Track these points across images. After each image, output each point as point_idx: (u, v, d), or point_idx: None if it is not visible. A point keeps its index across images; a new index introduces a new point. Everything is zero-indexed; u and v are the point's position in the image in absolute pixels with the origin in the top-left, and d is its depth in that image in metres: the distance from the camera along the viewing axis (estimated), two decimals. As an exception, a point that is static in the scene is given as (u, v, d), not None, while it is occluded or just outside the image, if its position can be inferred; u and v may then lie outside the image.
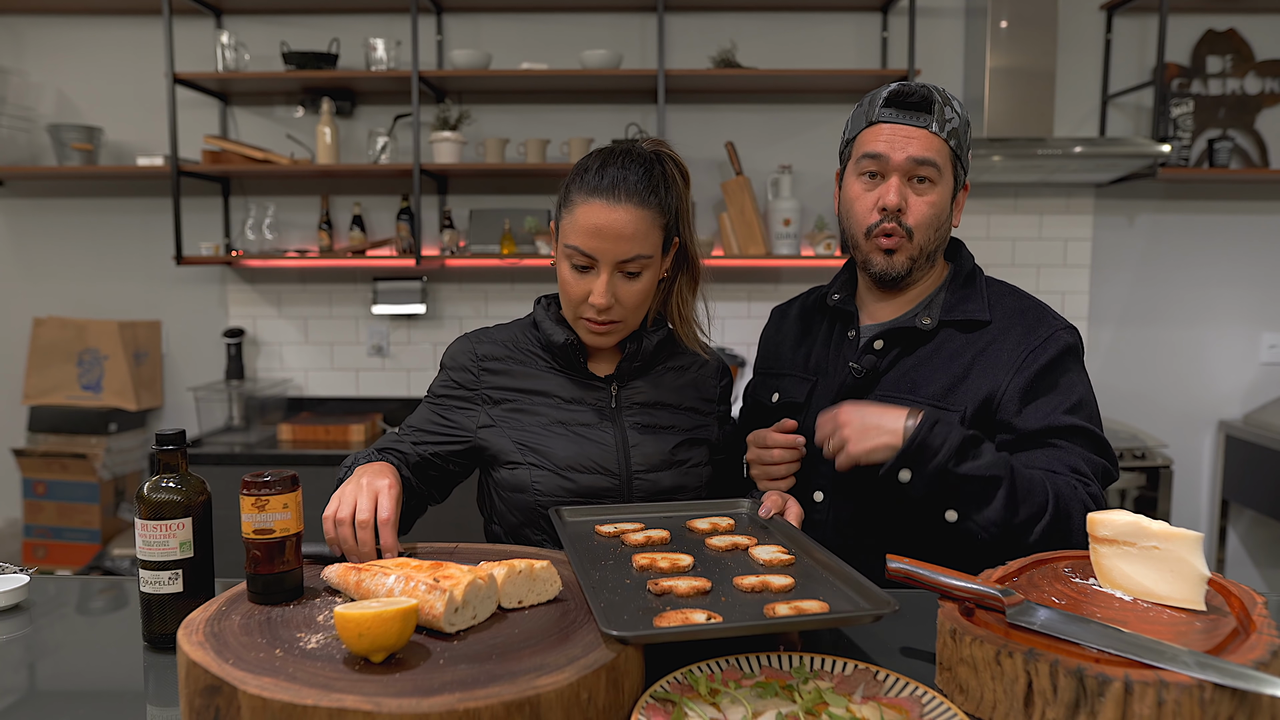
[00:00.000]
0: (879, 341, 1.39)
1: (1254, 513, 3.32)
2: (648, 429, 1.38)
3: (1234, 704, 0.75)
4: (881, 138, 1.34)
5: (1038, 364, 1.31)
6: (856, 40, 3.29)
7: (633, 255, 1.27)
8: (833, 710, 0.80)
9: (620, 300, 1.29)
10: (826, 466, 1.32)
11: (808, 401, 1.44)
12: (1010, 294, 1.43)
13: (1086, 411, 1.32)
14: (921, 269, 1.39)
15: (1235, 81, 3.28)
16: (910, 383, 1.36)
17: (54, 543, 3.21)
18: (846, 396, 1.36)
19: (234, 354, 3.34)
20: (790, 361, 1.51)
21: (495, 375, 1.39)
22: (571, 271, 1.30)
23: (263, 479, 0.98)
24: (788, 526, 1.20)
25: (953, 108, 1.35)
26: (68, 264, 3.44)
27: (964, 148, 1.37)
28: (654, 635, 0.86)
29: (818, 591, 1.01)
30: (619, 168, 1.29)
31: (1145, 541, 0.93)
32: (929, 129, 1.32)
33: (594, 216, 1.26)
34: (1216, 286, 3.38)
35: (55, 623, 1.14)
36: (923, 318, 1.37)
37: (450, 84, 3.19)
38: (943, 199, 1.35)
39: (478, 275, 3.42)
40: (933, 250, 1.38)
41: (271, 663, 0.81)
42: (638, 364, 1.39)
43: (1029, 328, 1.35)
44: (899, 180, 1.33)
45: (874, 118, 1.36)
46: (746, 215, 3.20)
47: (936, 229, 1.36)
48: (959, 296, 1.40)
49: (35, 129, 3.35)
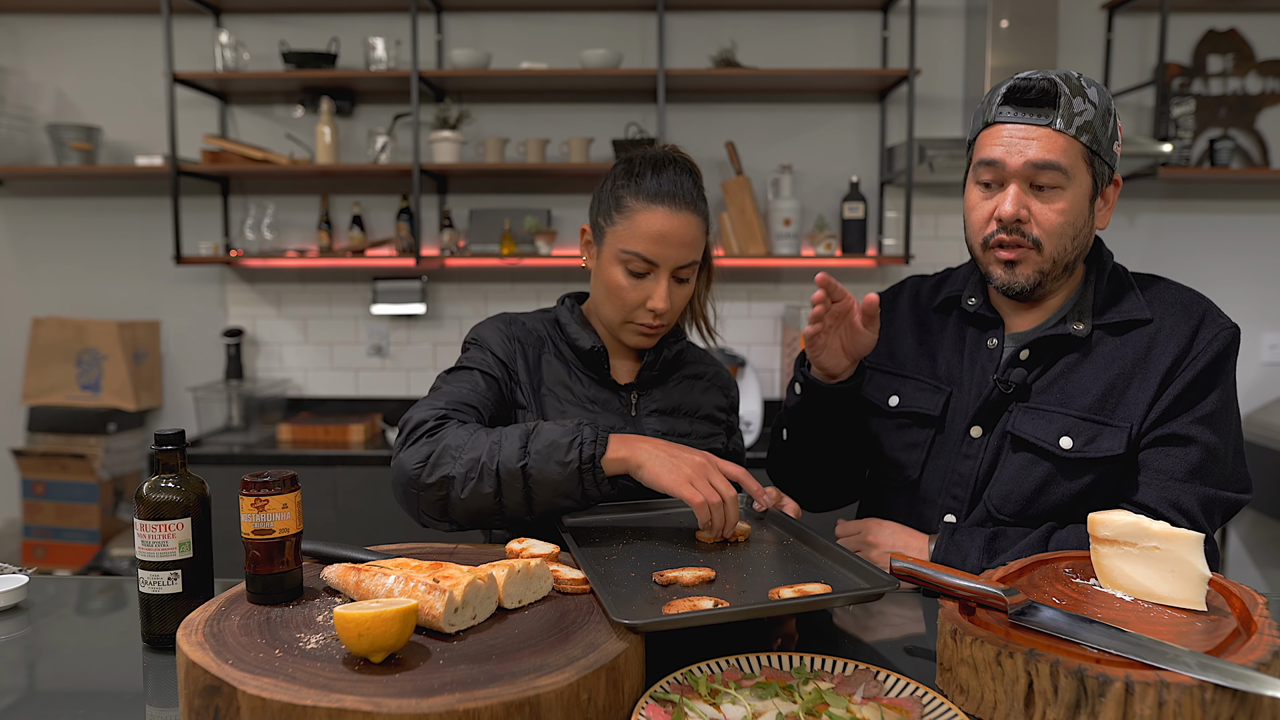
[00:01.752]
0: (1025, 352, 1.27)
1: (1254, 513, 3.32)
2: (666, 436, 1.37)
3: (1235, 705, 0.75)
4: (998, 141, 1.21)
5: (1200, 365, 1.20)
6: (857, 40, 3.29)
7: (690, 261, 1.30)
8: (833, 710, 0.79)
9: (672, 304, 1.31)
10: (961, 493, 1.29)
11: (943, 416, 1.32)
12: (1167, 286, 1.29)
13: (1220, 423, 1.21)
14: (1056, 280, 1.26)
15: (1236, 81, 3.28)
16: (1061, 394, 1.24)
17: (53, 543, 3.21)
18: (991, 411, 1.28)
19: (233, 354, 3.33)
20: (914, 364, 1.39)
21: (526, 360, 1.38)
22: (627, 277, 1.30)
23: (262, 479, 0.98)
24: (784, 517, 1.22)
25: (1086, 97, 1.19)
26: (67, 264, 3.44)
27: (1103, 140, 1.21)
28: (664, 622, 0.87)
29: (819, 575, 1.03)
30: (674, 173, 1.30)
31: (1146, 542, 0.93)
32: (1053, 127, 1.18)
33: (658, 223, 1.26)
34: (1217, 286, 3.37)
35: (54, 623, 1.14)
36: (1074, 323, 1.25)
37: (450, 84, 3.19)
38: (1076, 204, 1.21)
39: (477, 275, 3.42)
40: (1071, 260, 1.25)
41: (271, 663, 0.81)
42: (656, 372, 1.40)
43: (1198, 322, 1.23)
44: (1018, 188, 1.20)
45: (991, 118, 1.23)
46: (747, 215, 3.20)
47: (1073, 237, 1.22)
48: (1110, 296, 1.28)
49: (34, 129, 3.35)
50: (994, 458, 1.27)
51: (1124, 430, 1.21)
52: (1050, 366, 1.27)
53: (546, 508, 1.16)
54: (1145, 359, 1.23)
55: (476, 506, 1.16)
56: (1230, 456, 1.22)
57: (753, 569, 1.06)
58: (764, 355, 3.42)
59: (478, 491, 1.15)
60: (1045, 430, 1.23)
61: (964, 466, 1.29)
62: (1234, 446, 1.23)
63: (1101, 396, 1.22)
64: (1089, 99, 1.20)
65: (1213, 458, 1.20)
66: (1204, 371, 1.21)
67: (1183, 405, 1.21)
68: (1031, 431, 1.24)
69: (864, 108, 3.33)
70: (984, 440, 1.28)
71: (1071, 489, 1.22)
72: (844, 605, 1.13)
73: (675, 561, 1.08)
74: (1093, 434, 1.22)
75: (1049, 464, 1.23)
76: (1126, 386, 1.22)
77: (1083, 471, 1.22)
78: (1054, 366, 1.26)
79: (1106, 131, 1.21)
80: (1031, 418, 1.25)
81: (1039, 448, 1.23)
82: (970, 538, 1.23)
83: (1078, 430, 1.22)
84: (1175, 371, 1.21)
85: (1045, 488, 1.23)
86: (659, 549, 1.13)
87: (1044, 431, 1.23)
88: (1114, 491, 1.24)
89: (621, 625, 0.86)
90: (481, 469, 1.14)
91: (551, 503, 1.16)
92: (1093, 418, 1.22)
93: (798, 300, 3.40)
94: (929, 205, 3.30)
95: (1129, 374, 1.23)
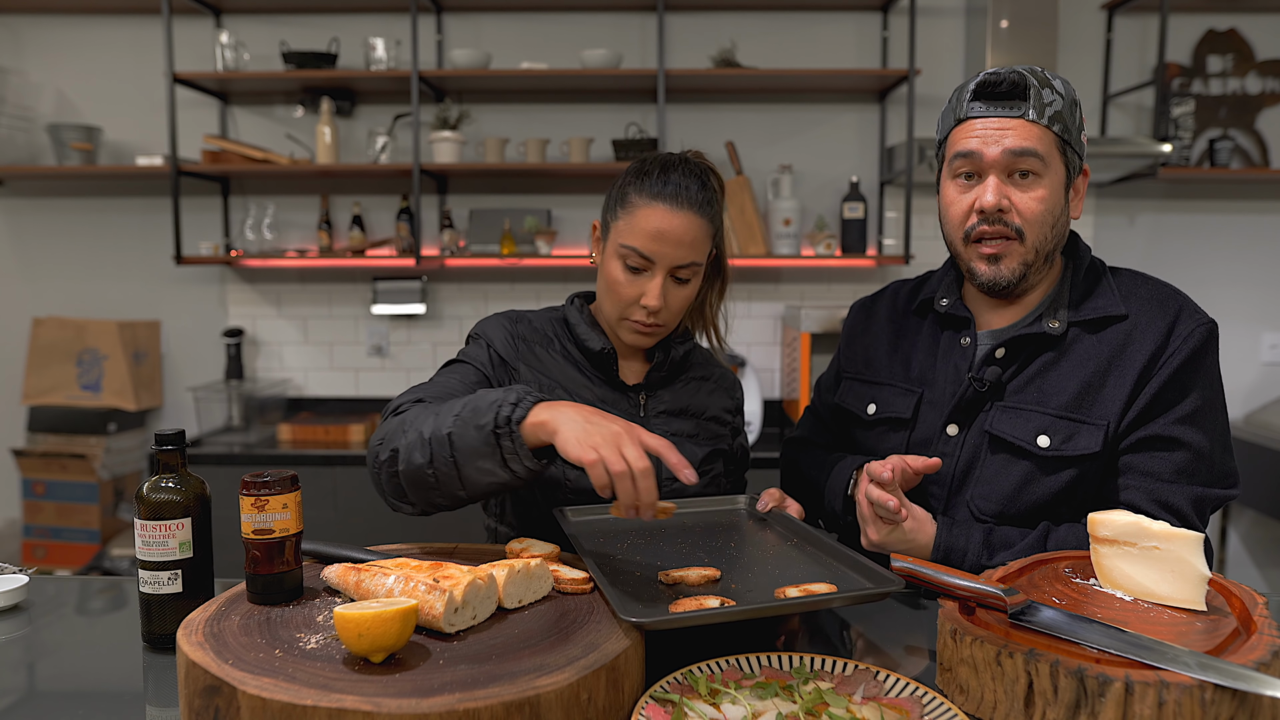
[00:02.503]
0: (1000, 350, 1.27)
1: (1254, 513, 3.32)
2: (674, 437, 1.37)
3: (1234, 705, 0.75)
4: (973, 134, 1.21)
5: (1177, 362, 1.20)
6: (857, 40, 3.29)
7: (688, 261, 1.29)
8: (833, 710, 0.79)
9: (668, 304, 1.31)
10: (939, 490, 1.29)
11: (914, 416, 1.33)
12: (1144, 282, 1.29)
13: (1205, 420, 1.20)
14: (1038, 272, 1.26)
15: (1236, 81, 3.28)
16: (1037, 393, 1.24)
17: (53, 543, 3.21)
18: (966, 410, 1.27)
19: (233, 354, 3.33)
20: (887, 370, 1.39)
21: (530, 358, 1.37)
22: (625, 272, 1.30)
23: (262, 479, 0.98)
24: (787, 518, 1.22)
25: (1052, 89, 1.20)
26: (67, 264, 3.44)
27: (1073, 130, 1.22)
28: (671, 621, 0.87)
29: (824, 575, 1.03)
30: (681, 175, 1.30)
31: (1146, 542, 0.93)
32: (1025, 118, 1.19)
33: (657, 220, 1.27)
34: (1217, 286, 3.37)
35: (54, 623, 1.14)
36: (1050, 320, 1.25)
37: (450, 84, 3.19)
38: (1054, 192, 1.21)
39: (477, 275, 3.42)
40: (1050, 250, 1.24)
41: (271, 663, 0.81)
42: (664, 373, 1.40)
43: (1174, 318, 1.22)
44: (997, 178, 1.21)
45: (963, 114, 1.23)
46: (746, 215, 3.20)
47: (1052, 225, 1.22)
48: (1085, 292, 1.28)
49: (35, 129, 3.35)
50: (971, 456, 1.27)
51: (1100, 428, 1.21)
52: (1026, 365, 1.26)
53: (477, 485, 1.08)
54: (1121, 355, 1.22)
55: (415, 479, 1.10)
56: (1217, 453, 1.22)
57: (758, 569, 1.07)
58: (764, 355, 3.42)
59: (412, 462, 1.09)
60: (1023, 429, 1.24)
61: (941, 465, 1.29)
62: (1220, 443, 1.23)
63: (1078, 394, 1.22)
64: (1055, 90, 1.21)
65: (1199, 457, 1.20)
66: (1181, 368, 1.20)
67: (1162, 405, 1.20)
68: (1009, 431, 1.24)
69: (864, 108, 3.33)
70: (960, 438, 1.28)
71: (1051, 487, 1.22)
72: (849, 605, 1.13)
73: (680, 561, 1.08)
74: (1070, 432, 1.22)
75: (1027, 463, 1.23)
76: (1103, 384, 1.22)
77: (1060, 470, 1.22)
78: (1030, 365, 1.26)
79: (1075, 121, 1.23)
80: (1009, 417, 1.25)
81: (1017, 447, 1.24)
82: (969, 531, 1.23)
83: (1055, 429, 1.22)
84: (1152, 369, 1.21)
85: (1025, 486, 1.23)
86: (664, 549, 1.13)
87: (1021, 430, 1.24)
88: (1096, 491, 1.24)
89: (628, 623, 0.86)
90: (420, 439, 1.09)
91: (477, 477, 1.07)
92: (1069, 416, 1.22)
93: (798, 300, 3.40)
94: (929, 205, 3.30)
95: (1105, 371, 1.22)
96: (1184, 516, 1.18)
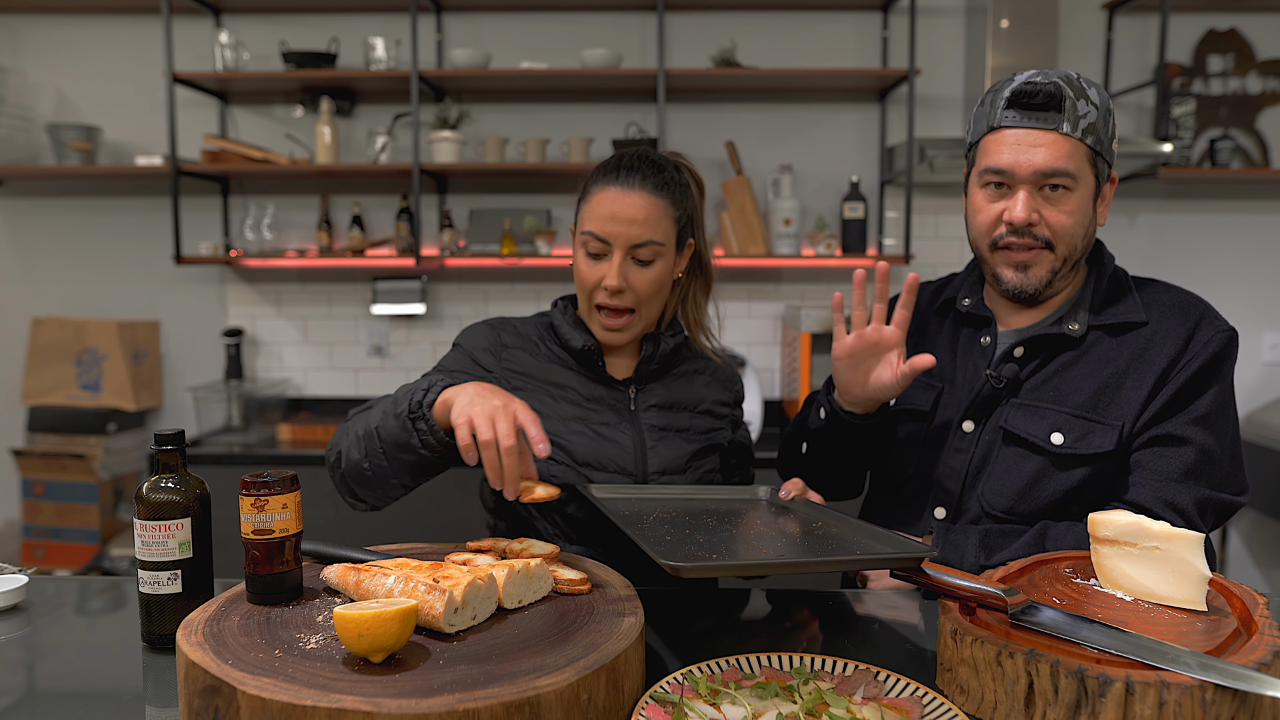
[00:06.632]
0: (1020, 349, 1.28)
1: (1255, 513, 3.32)
2: (664, 431, 1.38)
3: (1235, 705, 0.75)
4: (1005, 147, 1.21)
5: (1196, 365, 1.20)
6: (857, 40, 3.29)
7: (645, 240, 1.30)
8: (833, 711, 0.79)
9: (632, 286, 1.31)
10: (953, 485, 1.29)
11: (933, 410, 1.34)
12: (1166, 290, 1.30)
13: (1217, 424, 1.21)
14: (1064, 279, 1.27)
15: (1236, 81, 3.28)
16: (1054, 391, 1.25)
17: (53, 543, 3.21)
18: (983, 406, 1.29)
19: (233, 354, 3.33)
20: None
21: (515, 363, 1.38)
22: (586, 259, 1.33)
23: (262, 479, 0.98)
24: (810, 504, 1.22)
25: (1087, 99, 1.20)
26: (66, 264, 3.44)
27: (1105, 140, 1.22)
28: (712, 568, 0.87)
29: (855, 549, 1.02)
30: (637, 161, 1.33)
31: (1146, 542, 0.93)
32: (1059, 130, 1.19)
33: (608, 202, 1.30)
34: (1217, 286, 3.37)
35: (54, 623, 1.14)
36: (1070, 323, 1.26)
37: (450, 83, 3.19)
38: (1083, 204, 1.22)
39: (477, 275, 3.42)
40: (1079, 259, 1.26)
41: (271, 663, 0.81)
42: (655, 366, 1.40)
43: (1195, 324, 1.23)
44: (1028, 193, 1.21)
45: (996, 121, 1.23)
46: (747, 215, 3.20)
47: (1083, 236, 1.23)
48: (1108, 299, 1.28)
49: (34, 128, 3.34)
50: (985, 452, 1.28)
51: (1115, 428, 1.21)
52: (1045, 364, 1.27)
53: (406, 473, 1.19)
54: (1141, 359, 1.23)
55: (356, 476, 1.21)
56: (1226, 459, 1.22)
57: (786, 543, 1.07)
58: (764, 355, 3.42)
59: (350, 459, 1.20)
60: (1037, 426, 1.24)
61: (955, 460, 1.30)
62: (1230, 449, 1.23)
63: (1095, 395, 1.23)
64: (1091, 100, 1.20)
65: (1208, 458, 1.20)
66: (1199, 373, 1.21)
67: (1177, 406, 1.21)
68: (1023, 427, 1.25)
69: (864, 108, 3.33)
70: (975, 434, 1.29)
71: (1063, 485, 1.23)
72: (884, 568, 1.11)
73: (709, 533, 1.07)
74: (1084, 431, 1.22)
75: (1041, 459, 1.24)
76: (1120, 386, 1.23)
77: (1074, 467, 1.22)
78: (1049, 364, 1.27)
79: (1108, 131, 1.23)
80: (1024, 414, 1.26)
81: (1030, 443, 1.24)
82: (965, 535, 1.23)
83: (1069, 426, 1.23)
84: (1170, 373, 1.22)
85: (1037, 483, 1.24)
86: (690, 521, 1.13)
87: (1036, 427, 1.24)
88: (1107, 490, 1.24)
89: (669, 567, 0.85)
90: (355, 438, 1.20)
91: (404, 457, 1.16)
92: (1085, 415, 1.23)
93: (798, 300, 3.40)
94: (929, 205, 3.29)
95: (1123, 374, 1.23)
96: (1187, 516, 1.19)
